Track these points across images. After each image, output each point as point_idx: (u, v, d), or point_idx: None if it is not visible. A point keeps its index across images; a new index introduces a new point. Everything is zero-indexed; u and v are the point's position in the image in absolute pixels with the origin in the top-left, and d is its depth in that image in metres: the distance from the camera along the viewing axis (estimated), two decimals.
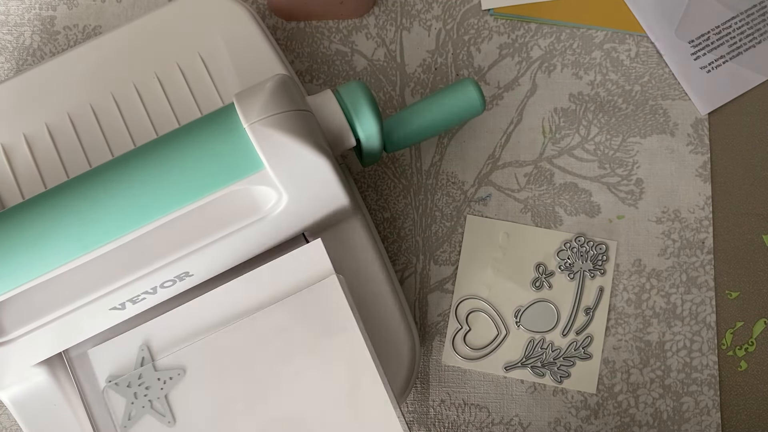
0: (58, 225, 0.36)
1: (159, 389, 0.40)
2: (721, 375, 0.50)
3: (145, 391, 0.40)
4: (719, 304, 0.50)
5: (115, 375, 0.40)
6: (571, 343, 0.50)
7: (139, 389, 0.40)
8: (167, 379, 0.40)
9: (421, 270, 0.51)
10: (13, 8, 0.53)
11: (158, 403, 0.40)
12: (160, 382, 0.40)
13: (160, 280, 0.39)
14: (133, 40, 0.46)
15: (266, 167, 0.36)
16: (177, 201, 0.36)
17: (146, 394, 0.40)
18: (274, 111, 0.36)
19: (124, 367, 0.40)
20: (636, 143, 0.52)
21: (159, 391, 0.40)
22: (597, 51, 0.53)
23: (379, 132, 0.41)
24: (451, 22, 0.53)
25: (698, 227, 0.51)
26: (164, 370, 0.40)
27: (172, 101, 0.45)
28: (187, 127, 0.38)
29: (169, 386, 0.40)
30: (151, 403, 0.40)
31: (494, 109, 0.52)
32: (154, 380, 0.40)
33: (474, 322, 0.50)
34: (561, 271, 0.50)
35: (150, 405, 0.40)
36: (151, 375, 0.40)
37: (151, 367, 0.40)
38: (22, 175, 0.44)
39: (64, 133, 0.44)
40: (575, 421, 0.49)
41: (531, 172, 0.52)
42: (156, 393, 0.40)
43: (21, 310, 0.39)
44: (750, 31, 0.52)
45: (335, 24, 0.53)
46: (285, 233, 0.40)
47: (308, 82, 0.53)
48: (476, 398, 0.50)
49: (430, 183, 0.52)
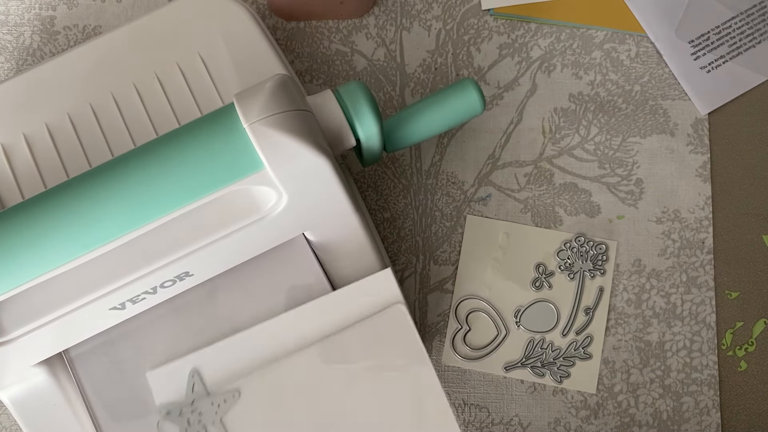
0: (58, 225, 0.36)
1: (213, 413, 0.39)
2: (721, 375, 0.50)
3: (198, 417, 0.39)
4: (719, 304, 0.50)
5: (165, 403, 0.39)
6: (571, 343, 0.50)
7: (192, 416, 0.39)
8: (221, 402, 0.39)
9: (421, 270, 0.51)
10: (13, 8, 0.53)
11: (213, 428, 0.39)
12: (214, 406, 0.39)
13: (160, 280, 0.39)
14: (133, 40, 0.46)
15: (266, 167, 0.36)
16: (177, 201, 0.36)
17: (200, 420, 0.39)
18: (274, 111, 0.36)
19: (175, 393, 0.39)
20: (636, 143, 0.52)
21: (213, 415, 0.39)
22: (597, 51, 0.53)
23: (379, 132, 0.41)
24: (451, 22, 0.53)
25: (698, 227, 0.51)
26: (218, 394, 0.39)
27: (172, 101, 0.45)
28: (187, 127, 0.38)
29: (224, 409, 0.39)
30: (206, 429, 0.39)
31: (494, 109, 0.52)
32: (207, 405, 0.39)
33: (474, 322, 0.50)
34: (561, 271, 0.50)
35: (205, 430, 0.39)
36: (205, 400, 0.39)
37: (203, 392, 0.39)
38: (22, 175, 0.44)
39: (64, 133, 0.44)
40: (575, 421, 0.49)
41: (531, 172, 0.52)
42: (210, 417, 0.39)
43: (21, 310, 0.38)
44: (750, 31, 0.52)
45: (335, 24, 0.53)
46: (285, 233, 0.40)
47: (308, 82, 0.53)
48: (476, 398, 0.50)
49: (430, 183, 0.52)
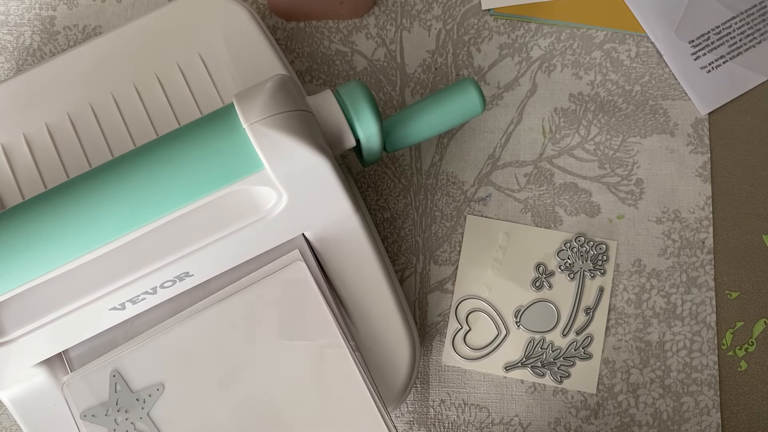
0: (58, 225, 0.36)
1: (140, 409, 0.39)
2: (721, 375, 0.50)
3: (125, 414, 0.39)
4: (719, 304, 0.50)
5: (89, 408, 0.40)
6: (571, 343, 0.50)
7: (118, 414, 0.39)
8: (146, 396, 0.40)
9: (421, 270, 0.51)
10: (13, 8, 0.53)
11: (142, 424, 0.39)
12: (139, 402, 0.40)
13: (160, 280, 0.39)
14: (133, 40, 0.46)
15: (266, 167, 0.36)
16: (177, 201, 0.36)
17: (127, 417, 0.39)
18: (274, 111, 0.36)
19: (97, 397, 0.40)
20: (636, 143, 0.52)
21: (140, 410, 0.39)
22: (597, 51, 0.53)
23: (379, 132, 0.41)
24: (451, 22, 0.53)
25: (698, 227, 0.51)
26: (142, 390, 0.40)
27: (172, 101, 0.45)
28: (187, 127, 0.38)
29: (149, 404, 0.39)
30: (134, 426, 0.39)
31: (494, 109, 0.52)
32: (132, 402, 0.39)
33: (474, 322, 0.50)
34: (561, 271, 0.50)
35: (133, 427, 0.39)
36: (129, 397, 0.40)
37: (126, 390, 0.40)
38: (22, 175, 0.44)
39: (64, 133, 0.44)
40: (575, 421, 0.49)
41: (531, 172, 0.52)
42: (138, 414, 0.39)
43: (21, 310, 0.38)
44: (750, 31, 0.52)
45: (335, 24, 0.53)
46: (285, 233, 0.40)
47: (308, 82, 0.53)
48: (476, 398, 0.50)
49: (430, 183, 0.52)
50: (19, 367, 0.40)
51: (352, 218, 0.42)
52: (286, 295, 0.40)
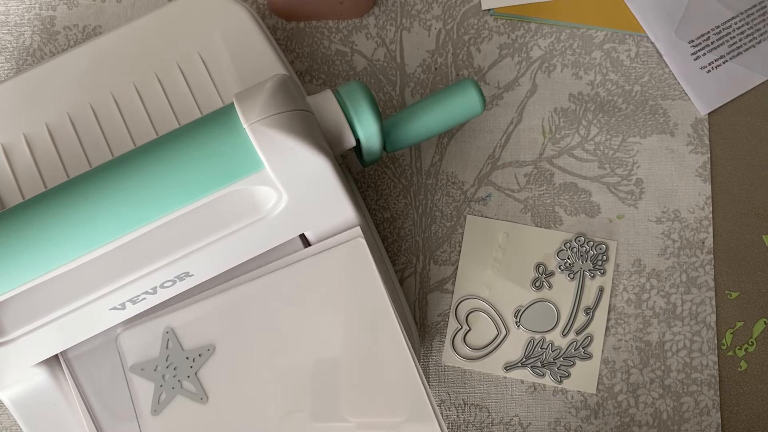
0: (58, 225, 0.36)
1: (188, 368, 0.40)
2: (721, 375, 0.50)
3: (173, 372, 0.40)
4: (719, 304, 0.50)
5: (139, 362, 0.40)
6: (571, 343, 0.50)
7: (167, 371, 0.40)
8: (196, 356, 0.40)
9: (421, 270, 0.51)
10: (13, 8, 0.53)
11: (188, 383, 0.39)
12: (189, 361, 0.40)
13: (160, 280, 0.39)
14: (133, 40, 0.46)
15: (266, 167, 0.36)
16: (177, 201, 0.36)
17: (175, 375, 0.39)
18: (274, 111, 0.36)
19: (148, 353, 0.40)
20: (636, 143, 0.52)
21: (189, 369, 0.40)
22: (597, 51, 0.53)
23: (379, 132, 0.41)
24: (451, 22, 0.53)
25: (698, 227, 0.51)
26: (193, 349, 0.40)
27: (172, 101, 0.45)
28: (187, 127, 0.38)
29: (198, 363, 0.40)
30: (180, 384, 0.39)
31: (494, 109, 0.52)
32: (182, 360, 0.40)
33: (474, 322, 0.50)
34: (561, 271, 0.50)
35: (180, 385, 0.40)
36: (179, 355, 0.40)
37: (178, 348, 0.40)
38: (22, 175, 0.44)
39: (64, 133, 0.44)
40: (575, 421, 0.49)
41: (531, 172, 0.52)
42: (185, 372, 0.40)
43: (21, 310, 0.38)
44: (750, 31, 0.52)
45: (335, 24, 0.53)
46: (285, 233, 0.40)
47: (308, 82, 0.53)
48: (476, 398, 0.50)
49: (430, 183, 0.52)
50: (20, 367, 0.40)
51: (352, 218, 0.42)
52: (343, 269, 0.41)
